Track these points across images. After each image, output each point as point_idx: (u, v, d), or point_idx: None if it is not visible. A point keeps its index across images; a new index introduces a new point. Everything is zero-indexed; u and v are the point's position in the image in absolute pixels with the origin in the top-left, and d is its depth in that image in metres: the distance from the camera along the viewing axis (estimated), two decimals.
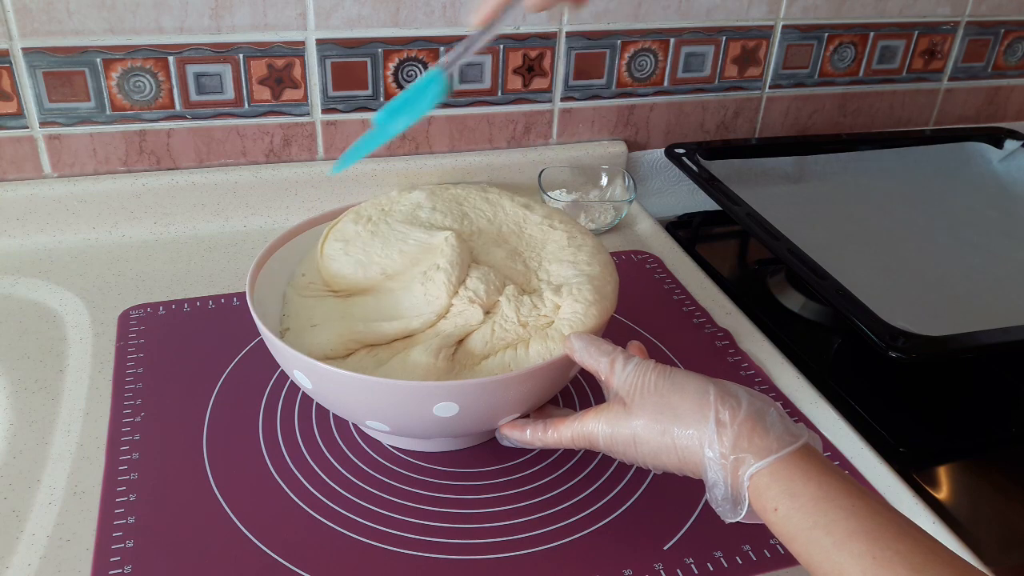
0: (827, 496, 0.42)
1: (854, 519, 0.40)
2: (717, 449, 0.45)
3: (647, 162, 1.03)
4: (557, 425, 0.52)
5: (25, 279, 0.77)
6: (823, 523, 0.41)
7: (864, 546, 0.39)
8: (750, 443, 0.44)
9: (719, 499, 0.45)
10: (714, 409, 0.46)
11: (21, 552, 0.51)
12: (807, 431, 0.46)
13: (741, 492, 0.44)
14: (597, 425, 0.50)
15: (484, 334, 0.56)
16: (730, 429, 0.45)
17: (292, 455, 0.59)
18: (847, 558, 0.39)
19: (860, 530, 0.40)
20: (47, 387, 0.64)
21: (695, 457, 0.46)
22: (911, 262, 0.85)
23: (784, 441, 0.44)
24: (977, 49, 1.12)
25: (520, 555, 0.52)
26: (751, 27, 0.99)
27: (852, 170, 1.01)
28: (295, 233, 0.65)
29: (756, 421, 0.45)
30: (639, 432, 0.48)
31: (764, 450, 0.44)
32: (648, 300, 0.79)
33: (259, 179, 0.88)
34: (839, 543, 0.40)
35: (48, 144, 0.82)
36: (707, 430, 0.45)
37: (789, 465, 0.43)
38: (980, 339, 0.66)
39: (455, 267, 0.58)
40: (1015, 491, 0.64)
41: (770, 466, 0.43)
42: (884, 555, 0.38)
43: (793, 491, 0.42)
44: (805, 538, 0.41)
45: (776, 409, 0.47)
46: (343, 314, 0.59)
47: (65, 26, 0.77)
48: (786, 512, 0.42)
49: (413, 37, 0.87)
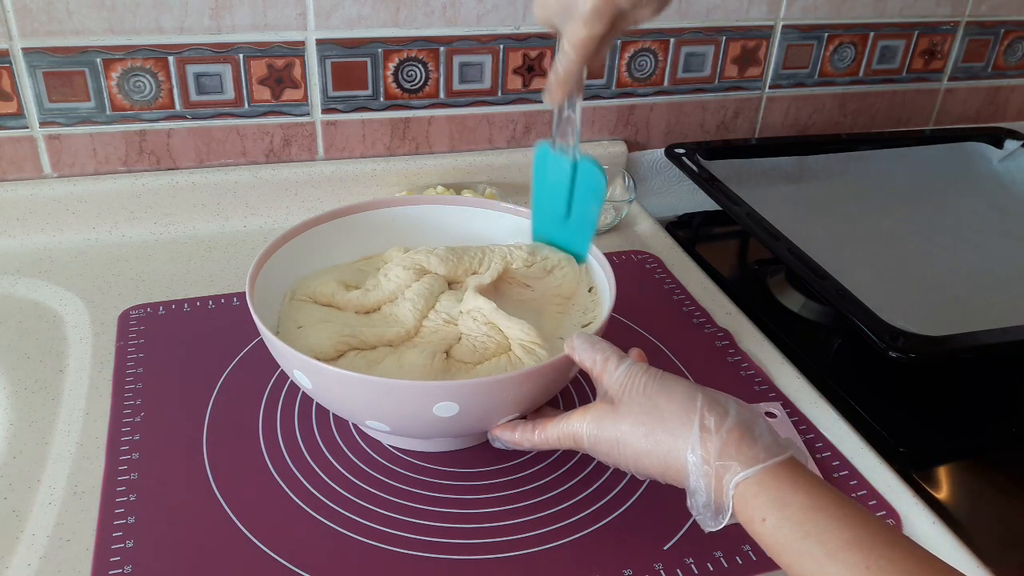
0: (817, 506, 0.41)
1: (847, 529, 0.40)
2: (700, 455, 0.44)
3: (647, 162, 1.03)
4: (545, 424, 0.52)
5: (25, 279, 0.77)
6: (815, 533, 0.40)
7: (858, 556, 0.39)
8: (737, 451, 0.44)
9: (700, 506, 0.45)
10: (700, 415, 0.45)
11: (21, 552, 0.51)
12: (794, 445, 0.46)
13: (724, 500, 0.44)
14: (582, 424, 0.50)
15: (468, 346, 0.59)
16: (715, 436, 0.44)
17: (292, 455, 0.59)
18: (840, 568, 0.39)
19: (853, 540, 0.39)
20: (47, 387, 0.64)
21: (678, 463, 0.45)
22: (911, 262, 0.85)
23: (772, 451, 0.44)
24: (977, 49, 1.12)
25: (520, 555, 0.52)
26: (751, 27, 0.99)
27: (852, 170, 1.01)
28: (295, 233, 0.65)
29: (744, 431, 0.45)
30: (624, 433, 0.48)
31: (751, 459, 0.43)
32: (648, 300, 0.79)
33: (259, 179, 0.88)
34: (832, 553, 0.39)
35: (48, 144, 0.82)
36: (691, 435, 0.45)
37: (777, 475, 0.43)
38: (980, 339, 0.65)
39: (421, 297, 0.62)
40: (1015, 491, 0.64)
41: (758, 475, 0.43)
42: (878, 564, 0.38)
43: (783, 501, 0.42)
44: (796, 548, 0.41)
45: (764, 421, 0.46)
46: (327, 318, 0.61)
47: (65, 26, 0.77)
48: (775, 522, 0.42)
49: (413, 37, 0.87)
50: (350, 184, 0.91)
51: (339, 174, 0.90)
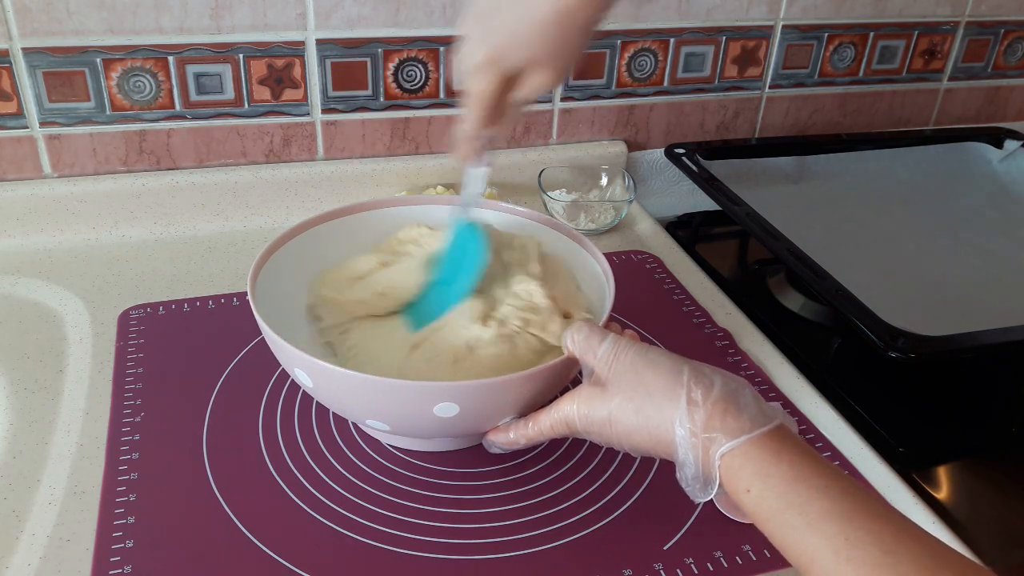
0: (800, 476, 0.42)
1: (827, 499, 0.40)
2: (687, 427, 0.45)
3: (647, 162, 1.03)
4: (537, 416, 0.52)
5: (25, 279, 0.77)
6: (796, 503, 0.41)
7: (837, 527, 0.39)
8: (722, 423, 0.44)
9: (688, 478, 0.45)
10: (686, 388, 0.46)
11: (21, 552, 0.51)
12: (782, 412, 0.46)
13: (712, 472, 0.44)
14: (572, 407, 0.50)
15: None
16: (702, 408, 0.45)
17: (292, 455, 0.59)
18: (820, 539, 0.39)
19: (833, 511, 0.40)
20: (47, 387, 0.64)
21: (666, 436, 0.46)
22: (911, 262, 0.85)
23: (757, 422, 0.44)
24: (977, 49, 1.12)
25: (520, 555, 0.52)
26: (751, 27, 0.99)
27: (852, 170, 1.01)
28: (295, 233, 0.65)
29: (729, 402, 0.45)
30: (614, 411, 0.48)
31: (736, 430, 0.44)
32: (648, 300, 0.79)
33: (259, 179, 0.88)
34: (812, 524, 0.40)
35: (48, 144, 0.82)
36: (678, 408, 0.45)
37: (762, 446, 0.43)
38: (980, 339, 0.66)
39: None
40: (1015, 491, 0.64)
41: (743, 446, 0.43)
42: (856, 535, 0.38)
43: (766, 471, 0.42)
44: (778, 519, 0.41)
45: (751, 390, 0.47)
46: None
47: (65, 26, 0.77)
48: (759, 493, 0.42)
49: (413, 37, 0.87)
50: (350, 184, 0.91)
51: (339, 174, 0.90)
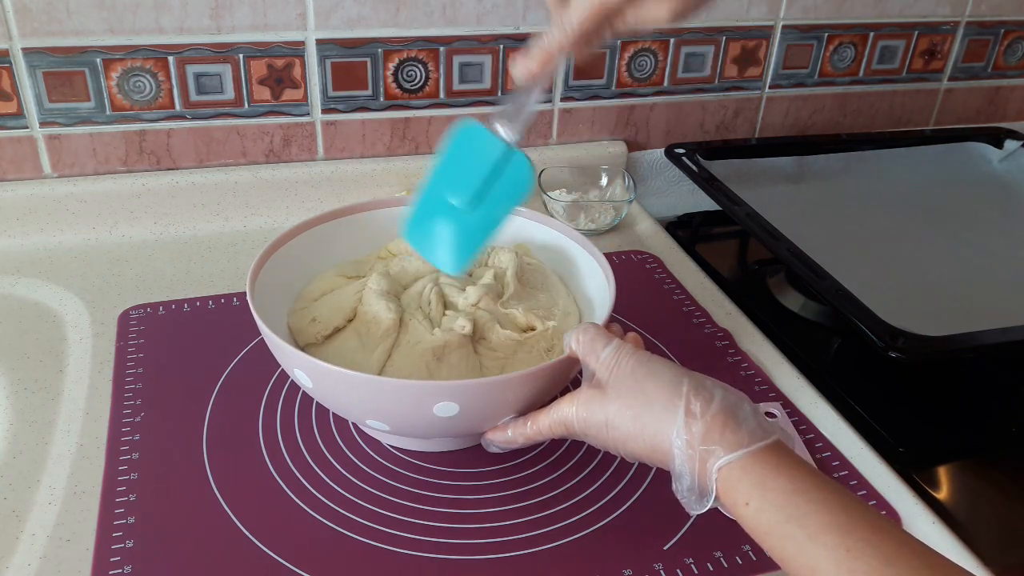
0: (798, 489, 0.42)
1: (827, 512, 0.40)
2: (685, 439, 0.45)
3: (647, 162, 1.03)
4: (536, 416, 0.52)
5: (25, 279, 0.77)
6: (796, 516, 0.41)
7: (837, 539, 0.39)
8: (721, 436, 0.44)
9: (684, 490, 0.45)
10: (685, 399, 0.46)
11: (21, 552, 0.51)
12: (780, 429, 0.46)
13: (708, 484, 0.44)
14: (571, 409, 0.50)
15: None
16: (700, 421, 0.45)
17: (292, 455, 0.59)
18: (821, 551, 0.39)
19: (833, 523, 0.40)
20: (47, 387, 0.64)
21: (663, 446, 0.46)
22: (911, 262, 0.85)
23: (756, 436, 0.44)
24: (977, 49, 1.12)
25: (520, 555, 0.52)
26: (751, 27, 0.99)
27: (852, 170, 1.01)
28: (295, 233, 0.65)
29: (728, 415, 0.45)
30: (611, 416, 0.48)
31: (735, 444, 0.44)
32: (648, 300, 0.79)
33: (259, 179, 0.88)
34: (812, 536, 0.40)
35: (48, 144, 0.82)
36: (677, 419, 0.45)
37: (760, 460, 0.43)
38: (980, 339, 0.66)
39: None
40: (1015, 491, 0.64)
41: (741, 460, 0.43)
42: (857, 547, 0.38)
43: (764, 485, 0.42)
44: (778, 532, 0.41)
45: (750, 404, 0.47)
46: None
47: (65, 26, 0.77)
48: (758, 506, 0.42)
49: (413, 37, 0.87)
50: (350, 184, 0.91)
51: (339, 174, 0.90)
